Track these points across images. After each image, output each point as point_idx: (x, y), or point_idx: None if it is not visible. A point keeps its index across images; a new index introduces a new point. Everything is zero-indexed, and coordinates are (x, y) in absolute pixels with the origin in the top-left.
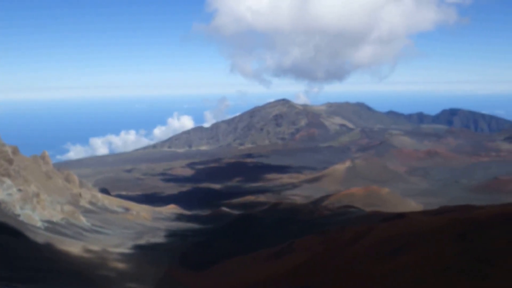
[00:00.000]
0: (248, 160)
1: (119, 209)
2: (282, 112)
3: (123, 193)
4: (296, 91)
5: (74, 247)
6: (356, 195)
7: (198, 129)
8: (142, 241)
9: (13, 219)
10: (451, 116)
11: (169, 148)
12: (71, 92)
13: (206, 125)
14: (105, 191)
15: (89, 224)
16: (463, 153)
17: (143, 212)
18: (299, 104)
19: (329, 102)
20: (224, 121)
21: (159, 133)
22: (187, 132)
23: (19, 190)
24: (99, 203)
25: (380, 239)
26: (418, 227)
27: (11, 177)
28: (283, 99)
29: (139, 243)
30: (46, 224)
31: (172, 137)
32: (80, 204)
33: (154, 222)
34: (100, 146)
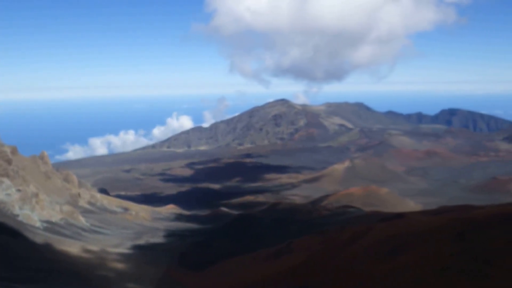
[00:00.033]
0: (247, 160)
1: (118, 209)
2: (281, 112)
3: (122, 193)
4: (295, 91)
5: (73, 247)
6: (355, 195)
7: (197, 129)
8: (141, 241)
9: (12, 219)
10: (450, 116)
11: (168, 148)
12: (70, 92)
13: (205, 125)
14: (104, 191)
15: (88, 224)
16: (462, 153)
17: (142, 212)
18: (298, 104)
19: (328, 102)
20: (223, 121)
21: (158, 133)
22: (186, 132)
23: (18, 190)
24: (98, 203)
25: (379, 239)
26: (417, 227)
27: (10, 177)
28: (282, 99)
29: (138, 243)
30: (45, 224)
31: (171, 137)
32: (79, 204)
33: (153, 222)
34: (99, 146)
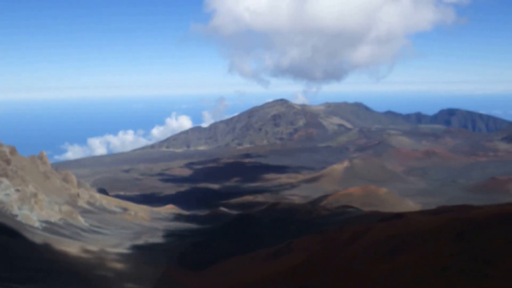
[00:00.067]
0: (247, 160)
1: (117, 209)
2: (280, 112)
3: (121, 193)
4: (294, 91)
5: (72, 248)
6: (354, 195)
7: (196, 129)
8: (140, 241)
9: (11, 220)
10: (449, 116)
11: (167, 148)
12: (69, 92)
13: (204, 125)
14: (103, 191)
15: (87, 224)
16: (461, 153)
17: (141, 212)
18: (297, 104)
19: (327, 102)
20: (222, 121)
21: (157, 133)
22: (185, 132)
23: (17, 191)
24: (97, 203)
25: (378, 239)
26: (416, 227)
27: (9, 177)
28: (281, 99)
29: (137, 243)
30: (44, 225)
31: (170, 137)
32: (78, 204)
33: (152, 222)
34: (98, 146)
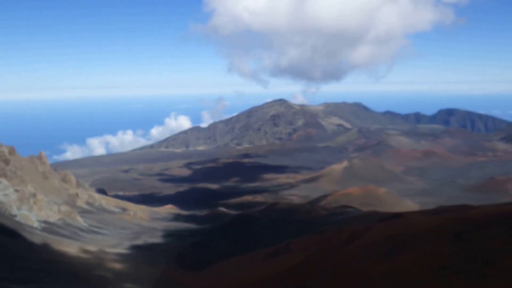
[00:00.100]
0: (246, 160)
1: (116, 210)
2: (280, 112)
3: (120, 193)
4: (294, 91)
5: (71, 248)
6: (353, 195)
7: (196, 129)
8: (139, 242)
9: (10, 220)
10: (448, 116)
11: (166, 148)
12: (68, 92)
13: (204, 125)
14: (102, 192)
15: (86, 225)
16: (460, 153)
17: (140, 213)
18: (297, 104)
19: (326, 102)
20: (222, 121)
21: (156, 133)
22: (184, 132)
23: (16, 191)
24: (96, 204)
25: (377, 239)
26: (415, 227)
27: (8, 178)
28: (281, 99)
29: (136, 244)
30: (43, 225)
31: (169, 137)
32: (77, 205)
33: (151, 222)
34: (97, 146)
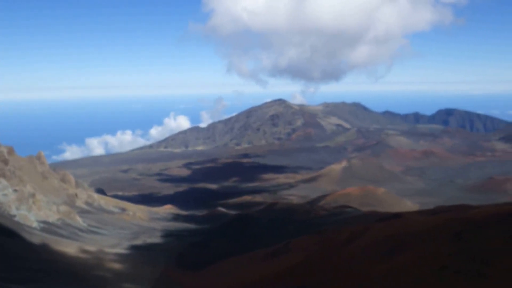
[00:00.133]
0: (245, 160)
1: (115, 210)
2: (279, 112)
3: (119, 194)
4: (293, 91)
5: (70, 248)
6: (352, 195)
7: (195, 129)
8: (139, 242)
9: (9, 220)
10: (447, 116)
11: (166, 148)
12: (67, 92)
13: (203, 125)
14: (101, 192)
15: (85, 225)
16: (459, 153)
17: (140, 213)
18: (296, 104)
19: (326, 102)
20: (221, 121)
21: (156, 133)
22: (184, 132)
23: (15, 191)
24: (95, 204)
25: (376, 239)
26: (414, 227)
27: (7, 178)
28: (280, 99)
29: (136, 244)
30: (42, 225)
31: (169, 137)
32: (76, 205)
33: (151, 223)
34: (96, 146)
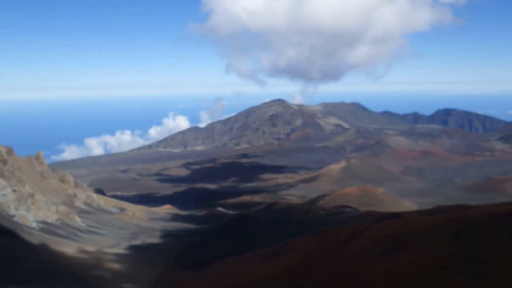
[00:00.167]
0: (244, 160)
1: (114, 210)
2: (278, 112)
3: (118, 194)
4: (292, 91)
5: (69, 248)
6: (351, 195)
7: (194, 129)
8: (138, 242)
9: (8, 220)
10: (446, 116)
11: (165, 148)
12: (66, 92)
13: (202, 125)
14: (100, 192)
15: (84, 225)
16: (458, 153)
17: (139, 213)
18: (295, 104)
19: (325, 102)
20: (220, 121)
21: (155, 133)
22: (183, 132)
23: (14, 191)
24: (94, 204)
25: (375, 239)
26: (413, 227)
27: (5, 178)
28: (279, 99)
29: (135, 244)
30: (41, 225)
31: (168, 137)
32: (75, 205)
33: (150, 223)
34: (95, 147)
